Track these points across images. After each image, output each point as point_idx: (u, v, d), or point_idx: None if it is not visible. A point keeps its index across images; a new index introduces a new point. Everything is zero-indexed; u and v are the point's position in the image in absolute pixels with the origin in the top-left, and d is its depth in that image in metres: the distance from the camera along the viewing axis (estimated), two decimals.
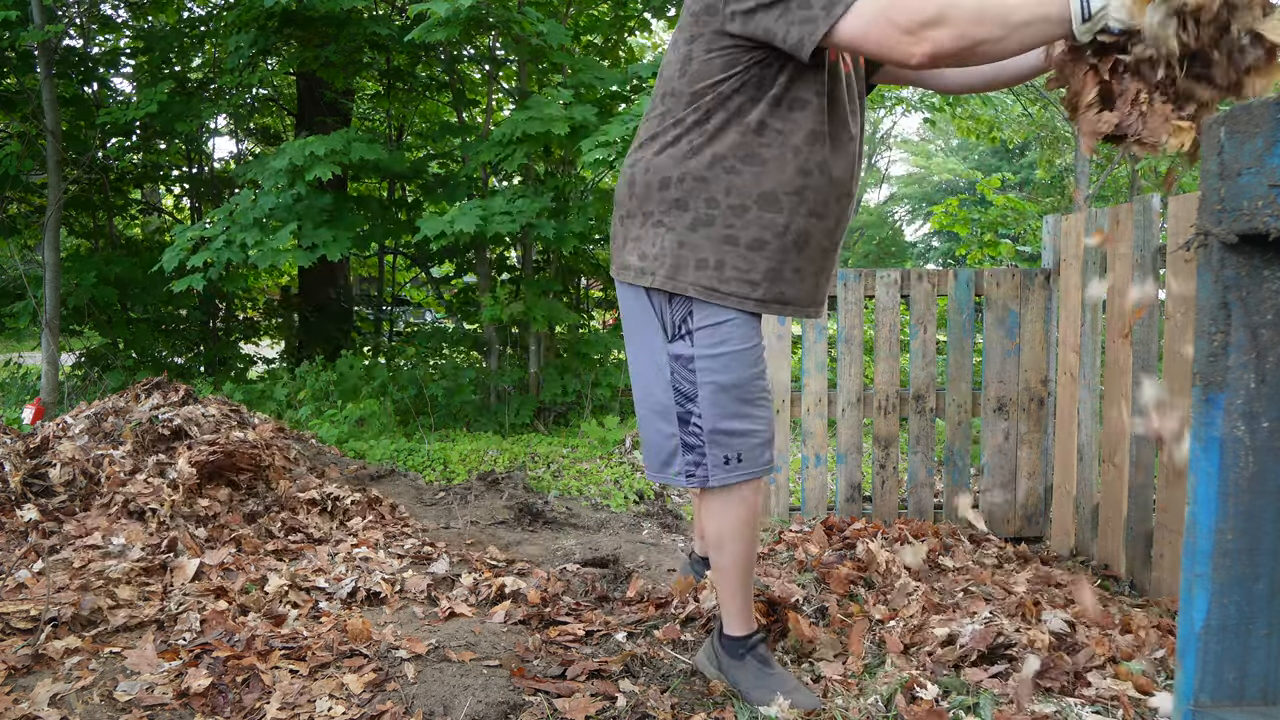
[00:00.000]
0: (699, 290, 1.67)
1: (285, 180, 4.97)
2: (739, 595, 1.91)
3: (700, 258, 1.67)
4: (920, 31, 1.40)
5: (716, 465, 1.74)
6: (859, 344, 3.27)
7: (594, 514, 3.69)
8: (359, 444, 4.74)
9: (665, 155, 1.69)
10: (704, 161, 1.66)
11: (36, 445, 3.20)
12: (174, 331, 7.48)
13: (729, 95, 1.66)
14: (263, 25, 5.60)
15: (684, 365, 1.71)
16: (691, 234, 1.67)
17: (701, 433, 1.73)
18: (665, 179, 1.69)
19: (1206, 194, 0.89)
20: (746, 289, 1.68)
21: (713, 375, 1.70)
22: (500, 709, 1.84)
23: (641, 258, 1.72)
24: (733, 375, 1.71)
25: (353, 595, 2.45)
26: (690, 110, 1.68)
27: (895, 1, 1.42)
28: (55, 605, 2.17)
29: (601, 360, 6.10)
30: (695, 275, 1.67)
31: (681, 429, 1.74)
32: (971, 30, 1.37)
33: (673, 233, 1.68)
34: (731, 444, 1.73)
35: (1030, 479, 3.26)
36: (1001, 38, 1.37)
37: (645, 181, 1.72)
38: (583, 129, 4.86)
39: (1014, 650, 2.03)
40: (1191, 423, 0.93)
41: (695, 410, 1.72)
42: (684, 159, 1.67)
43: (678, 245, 1.67)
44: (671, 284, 1.68)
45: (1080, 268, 2.99)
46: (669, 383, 1.73)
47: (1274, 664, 0.93)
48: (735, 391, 1.71)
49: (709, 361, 1.69)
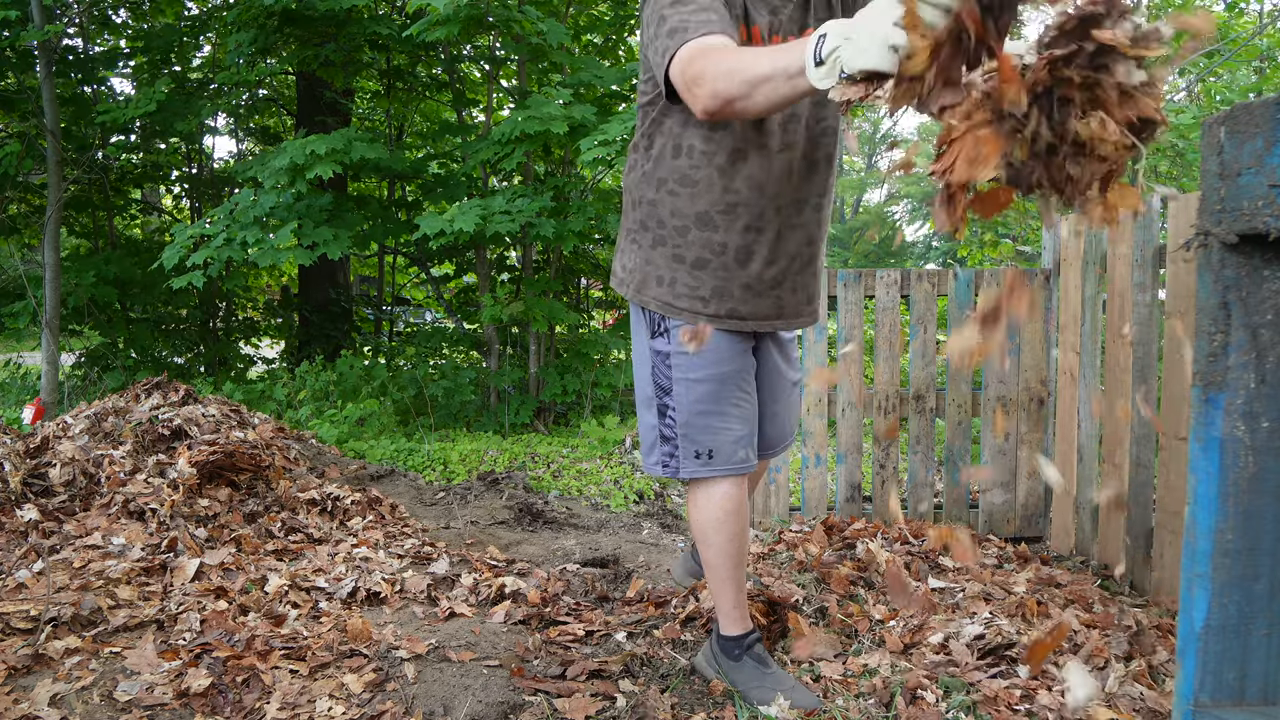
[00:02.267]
0: (658, 305, 1.78)
1: (286, 179, 4.96)
2: (729, 591, 1.92)
3: (659, 274, 1.78)
4: (693, 89, 1.43)
5: (688, 458, 1.81)
6: (859, 344, 3.28)
7: (594, 514, 3.69)
8: (359, 444, 4.74)
9: (632, 177, 1.83)
10: (653, 185, 1.77)
11: (36, 445, 3.20)
12: (174, 331, 7.48)
13: (660, 119, 1.75)
14: (262, 24, 5.60)
15: (663, 360, 1.81)
16: (652, 252, 1.79)
17: (675, 425, 1.81)
18: (635, 200, 1.82)
19: (1206, 194, 0.89)
20: (698, 304, 1.76)
21: (686, 372, 1.78)
22: (500, 709, 1.84)
23: (623, 269, 1.87)
24: (705, 373, 1.78)
25: (353, 595, 2.45)
26: (642, 135, 1.79)
27: (680, 58, 1.47)
28: (55, 605, 2.17)
29: (601, 360, 6.10)
30: (655, 291, 1.79)
31: (660, 420, 1.84)
32: (721, 87, 1.37)
33: (641, 250, 1.81)
34: (702, 440, 1.80)
35: (1030, 479, 3.26)
36: (747, 94, 1.34)
37: (626, 200, 1.86)
38: (582, 128, 4.86)
39: (1014, 650, 2.03)
40: (1191, 423, 0.93)
41: (670, 404, 1.81)
42: (641, 182, 1.79)
43: (644, 262, 1.80)
44: (639, 298, 1.81)
45: (1080, 268, 2.98)
46: (650, 376, 1.84)
47: (1274, 664, 0.93)
48: (707, 388, 1.79)
49: (683, 359, 1.78)
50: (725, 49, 1.44)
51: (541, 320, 5.36)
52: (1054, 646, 1.72)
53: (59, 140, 6.05)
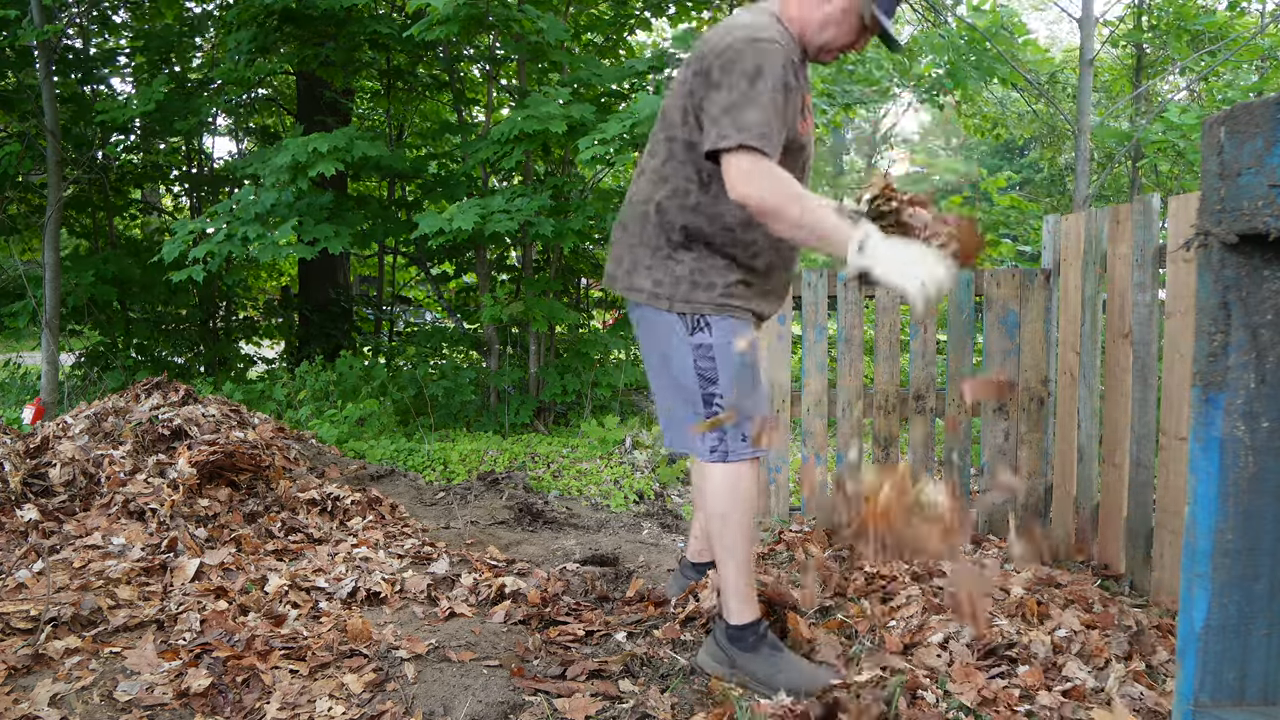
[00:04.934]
0: (711, 309, 1.98)
1: (287, 176, 4.96)
2: (745, 575, 2.00)
3: (709, 281, 1.98)
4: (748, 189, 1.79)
5: (735, 441, 1.97)
6: (859, 344, 3.27)
7: (594, 514, 3.69)
8: (359, 444, 4.74)
9: (674, 203, 1.98)
10: (703, 213, 1.97)
11: (36, 445, 3.20)
12: (174, 331, 7.48)
13: (707, 162, 1.93)
14: (262, 23, 5.59)
15: (705, 353, 1.98)
16: (697, 264, 1.99)
17: (724, 410, 1.97)
18: (672, 223, 1.99)
19: (1206, 194, 0.89)
20: (739, 302, 2.00)
21: (729, 357, 1.97)
22: (500, 709, 1.84)
23: (656, 284, 2.01)
24: (745, 358, 1.99)
25: (353, 595, 2.45)
26: (691, 166, 1.96)
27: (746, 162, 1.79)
28: (55, 605, 2.17)
29: (601, 360, 6.09)
30: (706, 295, 1.98)
31: (707, 409, 1.99)
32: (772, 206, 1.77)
33: (682, 265, 1.99)
34: (745, 424, 1.96)
35: (1030, 479, 3.26)
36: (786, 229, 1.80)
37: (658, 222, 2.01)
38: (581, 127, 4.86)
39: (1014, 650, 2.03)
40: (1191, 423, 0.93)
41: (717, 391, 1.98)
42: (689, 210, 1.97)
43: (689, 274, 1.99)
44: (688, 306, 1.99)
45: (1080, 268, 2.98)
46: (693, 369, 1.99)
47: (1274, 664, 0.92)
48: (746, 372, 1.97)
49: (724, 347, 1.97)
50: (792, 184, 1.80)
51: (541, 320, 5.36)
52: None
53: (59, 140, 6.05)
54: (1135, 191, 8.89)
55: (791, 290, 3.19)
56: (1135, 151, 7.66)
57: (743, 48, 1.82)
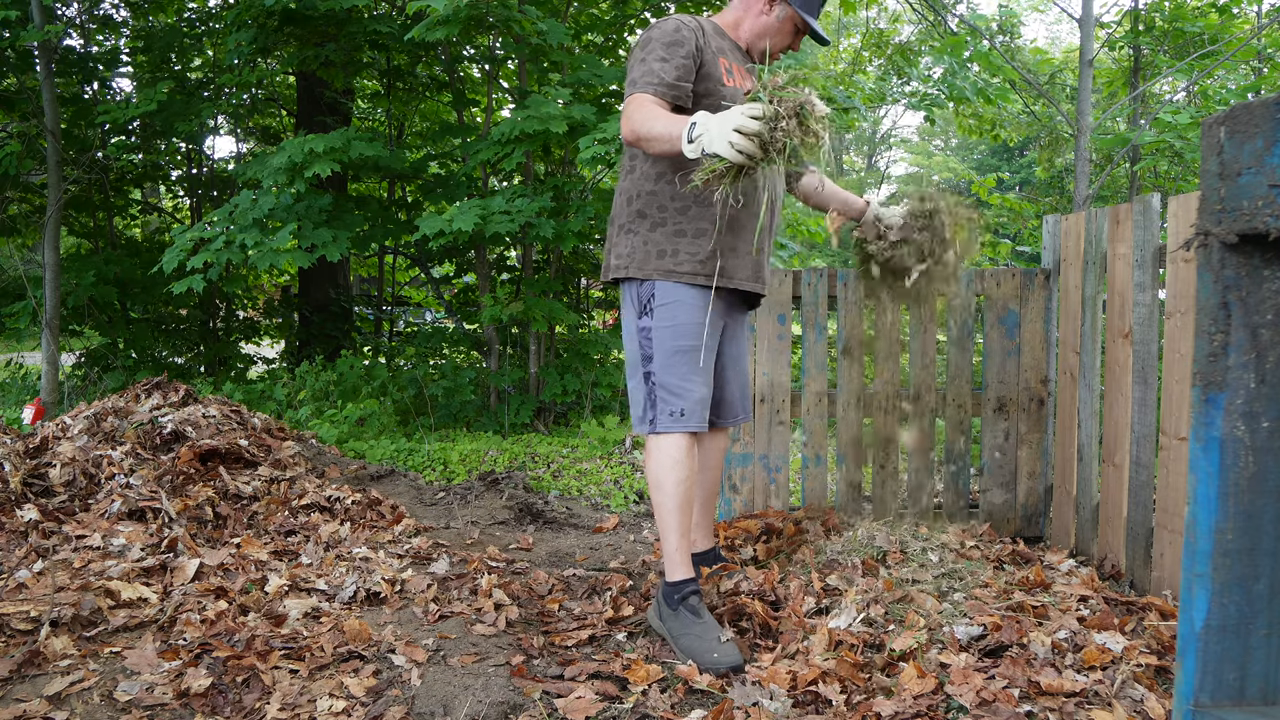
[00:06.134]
0: (660, 274, 2.18)
1: (285, 178, 4.96)
2: (673, 536, 2.18)
3: (660, 249, 2.19)
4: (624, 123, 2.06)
5: (663, 415, 2.18)
6: (859, 344, 3.27)
7: (594, 514, 3.69)
8: (359, 444, 4.74)
9: (630, 178, 2.25)
10: (651, 179, 2.20)
11: (36, 445, 3.20)
12: (174, 331, 7.48)
13: None
14: (262, 24, 5.59)
15: (646, 335, 2.21)
16: (651, 234, 2.20)
17: (655, 387, 2.19)
18: (630, 196, 2.24)
19: (1206, 194, 0.89)
20: (696, 266, 2.18)
21: (664, 341, 2.17)
22: (500, 709, 1.84)
23: (618, 257, 2.25)
24: (679, 343, 2.18)
25: (353, 595, 2.45)
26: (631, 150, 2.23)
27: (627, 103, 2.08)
28: (55, 605, 2.17)
29: (601, 360, 6.09)
30: (657, 263, 2.19)
31: (645, 384, 2.22)
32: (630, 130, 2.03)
33: (638, 235, 2.22)
34: (673, 401, 2.17)
35: (1030, 479, 3.26)
36: (647, 142, 2.01)
37: (619, 200, 2.27)
38: (581, 127, 4.85)
39: (1014, 651, 2.03)
40: (1191, 423, 0.93)
41: (652, 369, 2.19)
42: (640, 179, 2.22)
43: (644, 244, 2.20)
44: (640, 272, 2.20)
45: (1080, 268, 2.98)
46: (638, 349, 2.23)
47: (1274, 664, 0.93)
48: (680, 356, 2.17)
49: (662, 331, 2.18)
50: (655, 109, 2.03)
51: (541, 320, 5.36)
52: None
53: (59, 140, 6.06)
54: (1134, 192, 8.89)
55: (792, 290, 3.19)
56: (1134, 153, 7.66)
57: (642, 37, 2.16)
